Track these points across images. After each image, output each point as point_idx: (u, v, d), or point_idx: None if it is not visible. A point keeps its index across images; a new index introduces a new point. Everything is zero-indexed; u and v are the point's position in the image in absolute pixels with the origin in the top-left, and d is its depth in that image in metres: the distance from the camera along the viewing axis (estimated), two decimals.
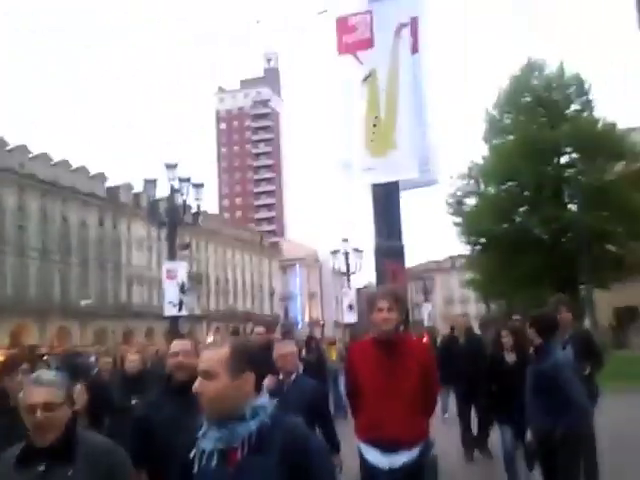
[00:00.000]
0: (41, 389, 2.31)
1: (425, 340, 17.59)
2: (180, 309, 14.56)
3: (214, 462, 1.85)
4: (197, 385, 1.89)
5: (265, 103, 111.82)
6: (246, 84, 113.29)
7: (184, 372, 3.15)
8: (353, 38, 5.04)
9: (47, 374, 2.45)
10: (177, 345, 3.38)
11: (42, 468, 2.23)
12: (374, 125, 4.90)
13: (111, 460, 2.35)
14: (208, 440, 1.88)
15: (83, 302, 45.39)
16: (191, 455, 1.90)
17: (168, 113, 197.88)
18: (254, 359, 1.97)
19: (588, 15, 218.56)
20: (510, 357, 6.10)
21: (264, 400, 1.93)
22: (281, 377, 4.33)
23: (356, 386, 3.74)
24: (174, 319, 15.00)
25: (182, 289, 14.63)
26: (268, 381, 3.59)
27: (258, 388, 1.93)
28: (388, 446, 3.54)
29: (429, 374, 3.71)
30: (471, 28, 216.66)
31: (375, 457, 3.59)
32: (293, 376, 4.36)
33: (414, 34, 5.06)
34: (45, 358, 14.53)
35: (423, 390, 3.61)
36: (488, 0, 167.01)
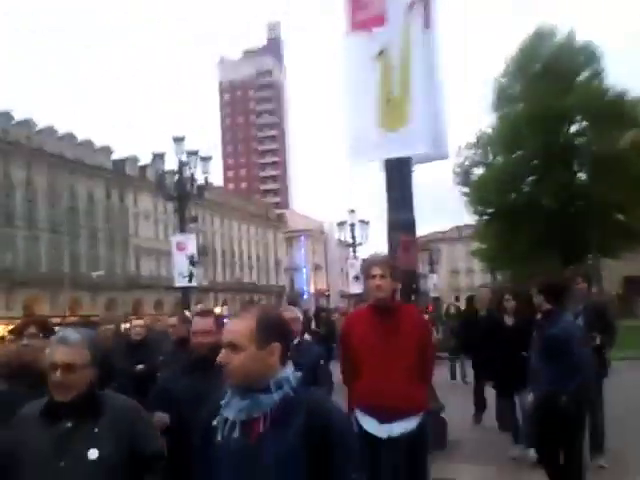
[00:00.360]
0: (64, 349, 2.24)
1: (430, 310, 17.81)
2: (190, 280, 14.78)
3: (236, 433, 1.82)
4: (222, 356, 1.85)
5: (268, 73, 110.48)
6: (249, 54, 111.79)
7: (203, 349, 3.17)
8: (366, 14, 4.99)
9: (73, 334, 2.31)
10: (197, 324, 3.32)
11: (69, 424, 2.20)
12: (388, 100, 4.91)
13: (134, 417, 2.35)
14: (231, 409, 1.85)
15: (94, 274, 45.77)
16: (214, 423, 1.87)
17: (170, 87, 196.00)
18: (280, 330, 1.92)
19: None
20: (509, 320, 6.26)
21: (289, 372, 1.89)
22: None
23: (351, 350, 3.70)
24: (185, 290, 15.24)
25: (192, 261, 14.82)
26: None
27: (284, 359, 1.89)
28: (386, 415, 3.50)
29: (425, 339, 3.71)
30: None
31: (373, 426, 3.54)
32: (295, 340, 4.29)
33: (426, 9, 5.03)
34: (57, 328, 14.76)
35: (420, 355, 3.60)
36: None
